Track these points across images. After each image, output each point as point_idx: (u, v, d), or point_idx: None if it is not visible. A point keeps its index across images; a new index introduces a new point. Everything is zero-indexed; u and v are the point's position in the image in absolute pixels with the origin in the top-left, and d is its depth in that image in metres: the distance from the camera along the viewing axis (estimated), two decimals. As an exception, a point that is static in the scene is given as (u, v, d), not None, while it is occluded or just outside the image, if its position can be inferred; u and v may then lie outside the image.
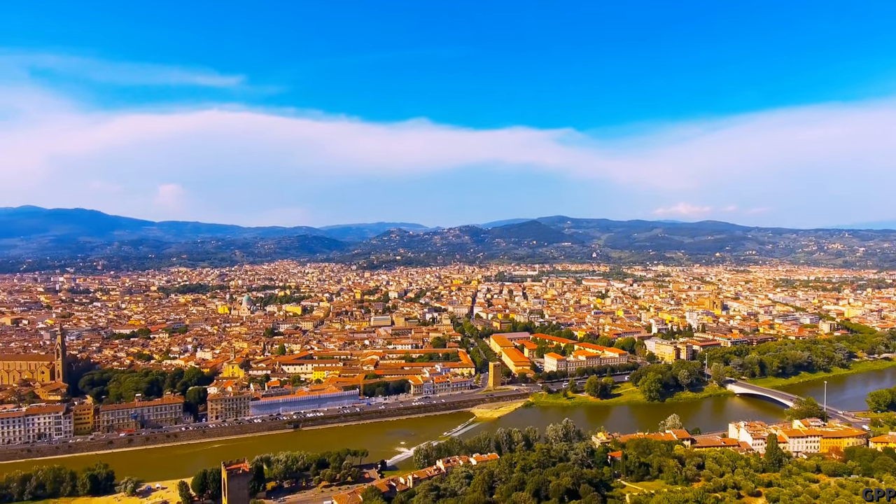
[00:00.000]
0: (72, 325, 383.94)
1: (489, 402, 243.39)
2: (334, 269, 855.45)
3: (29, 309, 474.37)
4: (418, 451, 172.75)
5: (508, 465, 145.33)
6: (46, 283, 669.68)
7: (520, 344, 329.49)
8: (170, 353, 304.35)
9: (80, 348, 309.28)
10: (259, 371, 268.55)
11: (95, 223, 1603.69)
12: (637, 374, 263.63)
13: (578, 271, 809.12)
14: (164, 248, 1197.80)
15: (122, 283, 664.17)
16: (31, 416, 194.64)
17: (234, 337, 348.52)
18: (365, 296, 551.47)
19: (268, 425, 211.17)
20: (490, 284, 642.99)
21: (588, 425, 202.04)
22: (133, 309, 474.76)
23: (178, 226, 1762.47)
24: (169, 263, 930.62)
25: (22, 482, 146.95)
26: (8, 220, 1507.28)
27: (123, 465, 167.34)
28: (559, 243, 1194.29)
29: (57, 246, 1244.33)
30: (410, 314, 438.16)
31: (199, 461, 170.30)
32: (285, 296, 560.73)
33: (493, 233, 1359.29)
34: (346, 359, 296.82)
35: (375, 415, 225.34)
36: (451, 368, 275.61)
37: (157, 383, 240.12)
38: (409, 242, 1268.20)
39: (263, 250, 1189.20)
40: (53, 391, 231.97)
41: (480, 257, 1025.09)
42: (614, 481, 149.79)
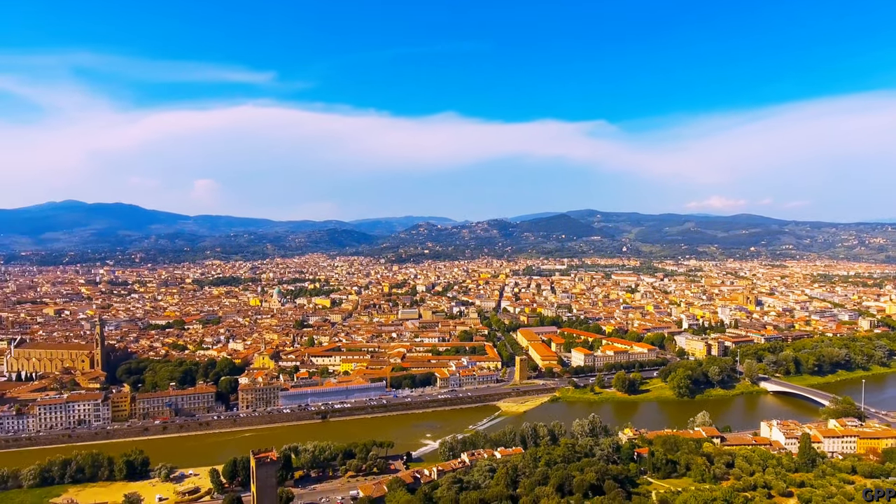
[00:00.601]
0: (111, 316, 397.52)
1: (515, 396, 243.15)
2: (363, 263, 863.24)
3: (71, 300, 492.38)
4: (443, 444, 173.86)
5: (533, 460, 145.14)
6: (87, 276, 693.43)
7: (547, 338, 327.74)
8: (203, 344, 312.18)
9: (118, 338, 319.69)
10: (289, 362, 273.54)
11: (134, 217, 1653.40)
12: (666, 370, 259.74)
13: (608, 266, 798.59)
14: (199, 242, 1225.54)
15: (158, 276, 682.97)
16: (72, 402, 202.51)
17: (264, 328, 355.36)
18: (393, 289, 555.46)
19: (296, 415, 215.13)
20: (518, 278, 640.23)
21: (615, 421, 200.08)
22: (169, 301, 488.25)
23: (212, 220, 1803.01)
24: (203, 256, 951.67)
25: (63, 466, 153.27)
26: (52, 215, 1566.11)
27: (158, 451, 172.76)
28: (588, 237, 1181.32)
29: (98, 239, 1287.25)
30: (438, 308, 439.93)
31: (230, 449, 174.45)
32: (315, 289, 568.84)
33: (521, 227, 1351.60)
34: (374, 351, 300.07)
35: (402, 407, 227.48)
36: (478, 362, 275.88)
37: (191, 373, 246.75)
38: (438, 236, 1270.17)
39: (294, 244, 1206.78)
40: (93, 379, 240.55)
41: (508, 251, 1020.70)
42: (640, 478, 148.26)
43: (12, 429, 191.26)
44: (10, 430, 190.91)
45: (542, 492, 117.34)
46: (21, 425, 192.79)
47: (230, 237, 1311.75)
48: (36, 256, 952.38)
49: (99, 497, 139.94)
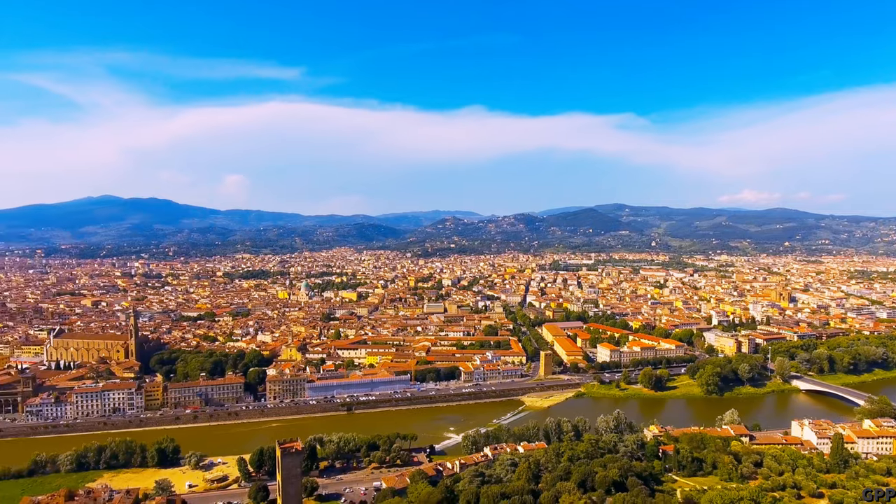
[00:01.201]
0: (145, 308, 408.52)
1: (539, 391, 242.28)
2: (389, 257, 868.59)
3: (107, 292, 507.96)
4: (466, 438, 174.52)
5: (555, 455, 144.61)
6: (123, 268, 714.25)
7: (572, 333, 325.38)
8: (233, 336, 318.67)
9: (151, 329, 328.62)
10: (315, 354, 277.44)
11: (167, 212, 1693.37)
12: (694, 367, 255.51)
13: (636, 260, 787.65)
14: (230, 236, 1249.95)
15: (190, 269, 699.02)
16: (107, 391, 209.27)
17: (292, 321, 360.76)
18: (419, 283, 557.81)
19: (322, 407, 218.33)
20: (544, 273, 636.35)
21: (641, 418, 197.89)
22: (200, 293, 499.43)
23: (242, 214, 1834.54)
24: (234, 250, 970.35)
25: (98, 452, 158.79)
26: (89, 209, 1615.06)
27: (188, 439, 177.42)
28: (616, 232, 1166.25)
29: (133, 233, 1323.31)
30: (463, 302, 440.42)
31: (258, 439, 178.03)
32: (342, 282, 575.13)
33: (548, 221, 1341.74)
34: (399, 344, 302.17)
35: (426, 400, 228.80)
36: (502, 356, 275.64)
37: (221, 364, 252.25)
38: (464, 230, 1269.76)
39: (322, 238, 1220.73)
40: (127, 369, 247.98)
41: (535, 245, 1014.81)
42: (665, 475, 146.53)
43: (51, 415, 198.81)
44: (49, 416, 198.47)
45: (564, 487, 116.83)
46: (59, 412, 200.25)
47: (260, 231, 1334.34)
48: (75, 250, 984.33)
49: (132, 483, 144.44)
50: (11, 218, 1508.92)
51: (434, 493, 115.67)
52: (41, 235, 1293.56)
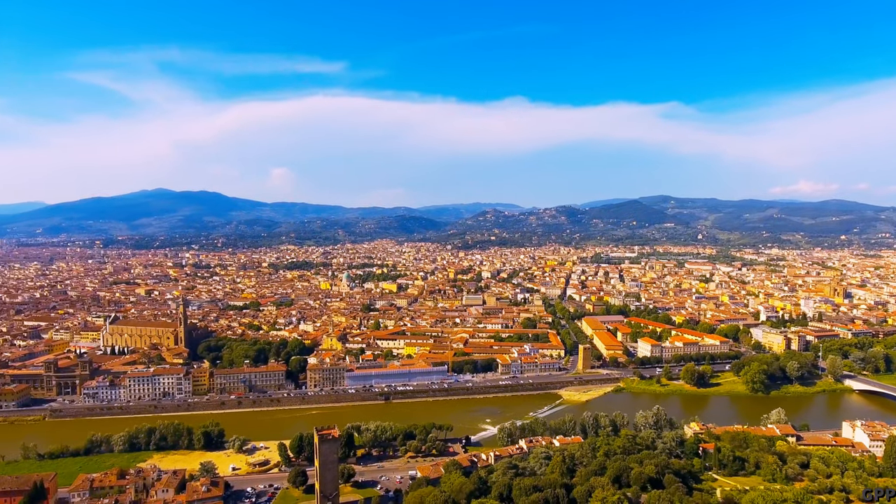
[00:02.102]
0: (194, 297, 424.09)
1: (577, 384, 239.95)
2: (430, 249, 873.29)
3: (160, 281, 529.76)
4: (502, 430, 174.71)
5: (591, 449, 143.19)
6: (175, 259, 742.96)
7: (613, 327, 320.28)
8: (276, 325, 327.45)
9: (199, 318, 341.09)
10: (355, 344, 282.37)
11: (217, 204, 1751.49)
12: (739, 364, 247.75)
13: (681, 254, 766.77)
14: (275, 228, 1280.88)
15: (237, 260, 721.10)
16: (158, 376, 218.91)
17: (333, 311, 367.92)
18: (458, 275, 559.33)
19: (360, 396, 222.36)
20: (585, 266, 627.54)
21: (682, 414, 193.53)
22: (246, 283, 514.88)
23: (287, 207, 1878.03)
24: (279, 241, 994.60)
25: (148, 434, 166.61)
26: (144, 202, 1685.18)
27: (232, 424, 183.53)
28: (661, 224, 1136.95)
29: (185, 225, 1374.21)
30: (502, 294, 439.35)
31: (298, 425, 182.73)
32: (382, 273, 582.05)
33: (590, 213, 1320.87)
34: (437, 336, 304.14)
35: (462, 391, 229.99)
36: (540, 349, 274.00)
37: (264, 352, 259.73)
38: (504, 223, 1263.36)
39: (364, 230, 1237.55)
40: (177, 355, 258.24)
41: (576, 238, 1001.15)
42: (704, 474, 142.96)
43: (106, 398, 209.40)
44: (105, 399, 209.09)
45: (598, 482, 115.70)
46: (114, 395, 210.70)
47: (304, 223, 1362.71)
48: (130, 241, 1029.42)
49: (179, 464, 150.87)
50: (73, 210, 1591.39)
51: (466, 483, 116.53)
52: (100, 227, 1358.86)
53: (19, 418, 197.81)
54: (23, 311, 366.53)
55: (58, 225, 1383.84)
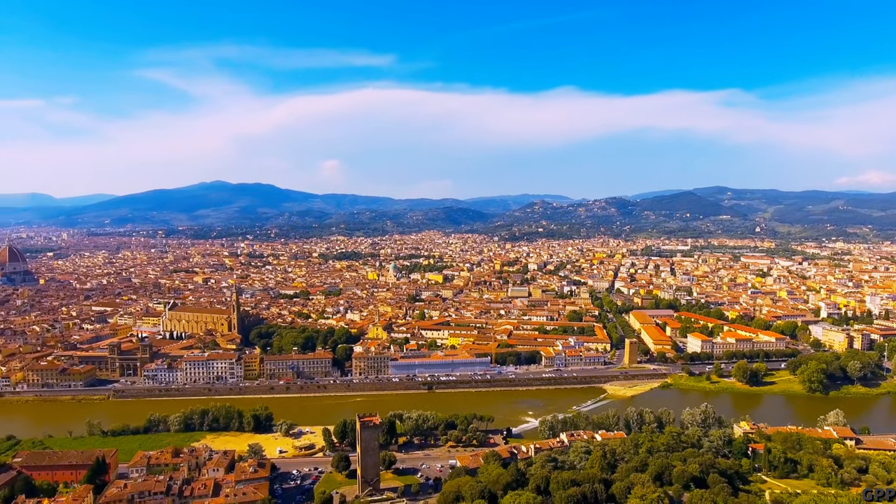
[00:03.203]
0: (247, 285, 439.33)
1: (623, 379, 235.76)
2: (477, 240, 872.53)
3: (216, 270, 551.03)
4: (543, 423, 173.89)
5: (633, 445, 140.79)
6: (230, 248, 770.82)
7: (661, 322, 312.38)
8: (324, 314, 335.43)
9: (252, 305, 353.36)
10: (400, 334, 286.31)
11: (270, 196, 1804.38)
12: (796, 362, 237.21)
13: (737, 247, 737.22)
14: (326, 219, 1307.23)
15: (289, 250, 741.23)
16: (212, 360, 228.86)
17: (380, 301, 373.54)
18: (504, 267, 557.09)
19: (404, 384, 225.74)
20: (635, 259, 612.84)
21: (732, 413, 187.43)
22: (297, 273, 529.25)
23: (337, 198, 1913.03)
24: (329, 232, 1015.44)
25: (202, 415, 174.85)
26: (203, 194, 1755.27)
27: (280, 408, 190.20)
28: (716, 216, 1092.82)
29: (240, 216, 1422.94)
30: (548, 286, 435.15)
31: (343, 412, 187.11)
32: (429, 264, 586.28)
33: (641, 205, 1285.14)
34: (481, 327, 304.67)
35: (505, 383, 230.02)
36: (585, 343, 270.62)
37: (312, 339, 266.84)
38: (553, 214, 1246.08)
39: (412, 221, 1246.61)
40: (230, 341, 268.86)
41: (627, 230, 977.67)
42: (753, 475, 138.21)
43: (164, 380, 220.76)
44: (163, 381, 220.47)
45: (638, 479, 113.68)
46: (171, 378, 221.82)
47: (353, 214, 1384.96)
48: (190, 231, 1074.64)
49: (229, 445, 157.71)
50: (138, 202, 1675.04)
51: (504, 474, 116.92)
52: (162, 217, 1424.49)
53: (86, 397, 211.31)
54: (91, 297, 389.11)
55: (124, 216, 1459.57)
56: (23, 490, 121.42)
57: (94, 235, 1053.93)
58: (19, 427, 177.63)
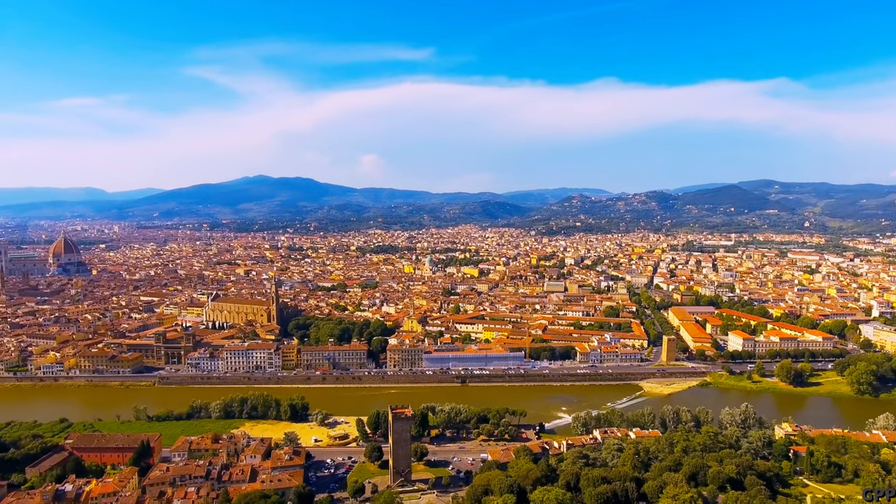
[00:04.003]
0: (287, 278, 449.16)
1: (660, 377, 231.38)
2: (513, 234, 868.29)
3: (257, 262, 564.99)
4: (577, 419, 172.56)
5: (668, 444, 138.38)
6: (271, 241, 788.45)
7: (702, 319, 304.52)
8: (360, 306, 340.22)
9: (291, 297, 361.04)
10: (434, 327, 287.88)
11: (310, 190, 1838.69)
12: (844, 363, 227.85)
13: (784, 242, 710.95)
14: (364, 212, 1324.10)
15: (328, 243, 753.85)
16: (252, 350, 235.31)
17: (415, 294, 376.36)
18: (541, 261, 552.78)
19: (438, 378, 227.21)
20: (676, 254, 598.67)
21: (774, 414, 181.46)
22: (335, 265, 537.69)
23: (376, 192, 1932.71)
24: (367, 226, 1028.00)
25: (241, 403, 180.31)
26: (246, 188, 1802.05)
27: (316, 398, 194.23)
28: (763, 210, 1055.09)
29: (281, 209, 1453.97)
30: (585, 282, 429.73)
31: (377, 403, 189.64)
32: (465, 258, 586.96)
33: (683, 199, 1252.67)
34: (516, 321, 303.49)
35: (539, 378, 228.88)
36: (622, 339, 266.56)
37: (348, 331, 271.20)
38: (591, 208, 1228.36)
39: (449, 215, 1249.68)
40: (269, 332, 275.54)
41: (667, 225, 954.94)
42: (794, 478, 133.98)
43: (206, 368, 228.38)
44: (205, 369, 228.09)
45: (671, 478, 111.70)
46: (213, 366, 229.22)
47: (391, 208, 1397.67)
48: (233, 224, 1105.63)
49: (266, 433, 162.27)
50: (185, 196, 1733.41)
51: (533, 469, 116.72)
52: (207, 211, 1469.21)
53: (133, 383, 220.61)
54: (140, 287, 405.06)
55: (172, 209, 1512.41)
56: (73, 470, 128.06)
57: (144, 228, 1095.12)
58: (72, 410, 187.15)
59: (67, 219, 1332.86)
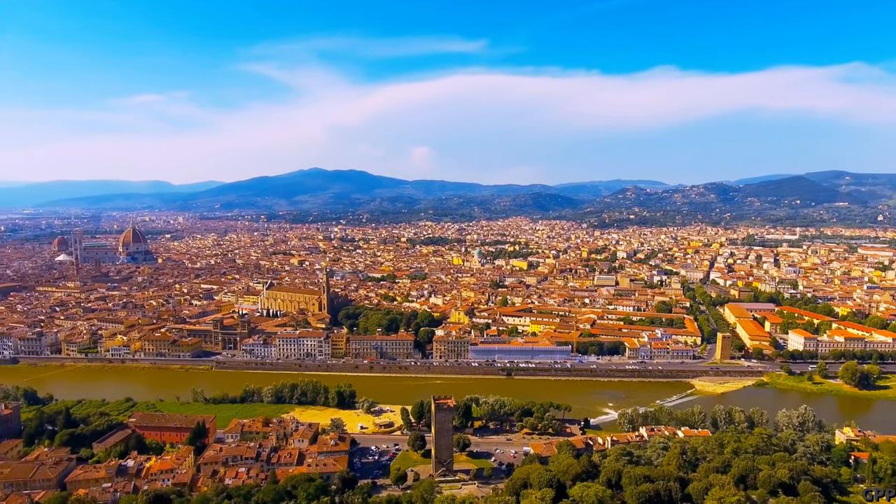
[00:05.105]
0: (338, 268, 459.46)
1: (713, 375, 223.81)
2: (564, 227, 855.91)
3: (311, 253, 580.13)
4: (623, 415, 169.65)
5: (718, 445, 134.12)
6: (325, 232, 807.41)
7: (760, 316, 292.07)
8: (409, 297, 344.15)
9: (342, 287, 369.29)
10: (481, 319, 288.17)
11: (363, 182, 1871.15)
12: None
13: (854, 237, 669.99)
14: (415, 205, 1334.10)
15: (379, 235, 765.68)
16: (303, 338, 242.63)
17: (463, 286, 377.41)
18: (592, 254, 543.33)
19: (483, 369, 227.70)
20: (735, 248, 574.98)
21: (836, 418, 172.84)
22: (385, 257, 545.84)
23: (427, 184, 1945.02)
24: (418, 218, 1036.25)
25: (291, 389, 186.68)
26: (302, 181, 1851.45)
27: (363, 386, 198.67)
28: (831, 203, 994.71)
29: (335, 201, 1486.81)
30: (637, 276, 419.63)
31: (422, 392, 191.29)
32: (514, 251, 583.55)
33: (744, 191, 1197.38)
34: (564, 315, 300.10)
35: (586, 373, 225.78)
36: (674, 335, 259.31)
37: (396, 322, 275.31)
38: (646, 201, 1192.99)
39: (499, 207, 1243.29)
40: (320, 320, 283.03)
41: (727, 218, 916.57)
42: (854, 486, 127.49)
43: (260, 354, 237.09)
44: (258, 355, 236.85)
45: (718, 480, 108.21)
46: (266, 352, 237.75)
47: (442, 200, 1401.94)
48: (289, 215, 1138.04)
49: (314, 418, 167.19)
50: (244, 188, 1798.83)
51: (574, 465, 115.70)
52: (265, 203, 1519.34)
53: (192, 367, 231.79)
54: (200, 276, 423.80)
55: (232, 201, 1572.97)
56: (135, 447, 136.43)
57: (206, 219, 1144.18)
58: (136, 390, 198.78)
59: (137, 210, 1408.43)
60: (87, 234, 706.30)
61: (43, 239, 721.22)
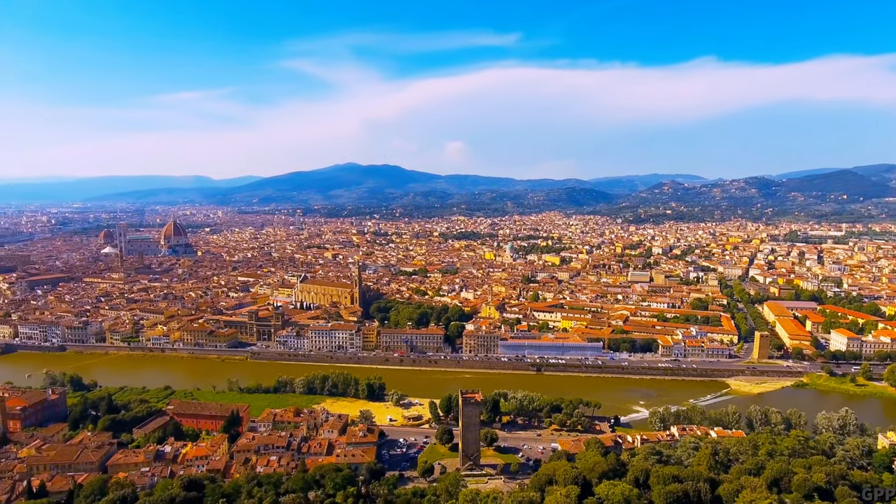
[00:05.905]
0: (371, 262, 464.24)
1: (749, 374, 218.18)
2: (598, 222, 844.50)
3: (344, 246, 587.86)
4: (654, 414, 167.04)
5: (752, 446, 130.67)
6: (358, 227, 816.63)
7: (801, 315, 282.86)
8: (440, 291, 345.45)
9: (374, 280, 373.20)
10: (512, 314, 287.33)
11: (396, 177, 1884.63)
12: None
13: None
14: (448, 199, 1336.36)
15: (412, 229, 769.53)
16: (335, 330, 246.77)
17: (494, 281, 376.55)
18: (626, 250, 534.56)
19: (512, 365, 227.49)
20: (776, 245, 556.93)
21: (880, 421, 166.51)
22: (417, 251, 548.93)
23: (460, 179, 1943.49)
24: (451, 212, 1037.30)
25: (322, 380, 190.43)
26: (337, 175, 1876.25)
27: (393, 379, 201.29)
28: (881, 198, 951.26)
29: (369, 196, 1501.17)
30: (672, 272, 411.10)
31: (451, 387, 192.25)
32: (547, 246, 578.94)
33: (787, 185, 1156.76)
34: (596, 311, 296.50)
35: (617, 370, 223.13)
36: (709, 333, 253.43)
37: (426, 316, 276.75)
38: (683, 196, 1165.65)
39: (532, 202, 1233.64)
40: (352, 313, 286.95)
41: (768, 213, 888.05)
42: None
43: (293, 346, 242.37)
44: (292, 347, 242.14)
45: (749, 482, 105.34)
46: (299, 344, 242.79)
47: (475, 195, 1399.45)
48: (324, 210, 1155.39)
49: (344, 409, 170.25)
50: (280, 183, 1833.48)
51: (601, 462, 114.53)
52: (301, 197, 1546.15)
53: (228, 357, 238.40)
54: (237, 268, 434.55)
55: (269, 195, 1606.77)
56: (172, 433, 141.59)
57: (244, 213, 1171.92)
58: (175, 379, 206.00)
59: (179, 204, 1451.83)
60: (132, 228, 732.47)
61: (90, 232, 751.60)
